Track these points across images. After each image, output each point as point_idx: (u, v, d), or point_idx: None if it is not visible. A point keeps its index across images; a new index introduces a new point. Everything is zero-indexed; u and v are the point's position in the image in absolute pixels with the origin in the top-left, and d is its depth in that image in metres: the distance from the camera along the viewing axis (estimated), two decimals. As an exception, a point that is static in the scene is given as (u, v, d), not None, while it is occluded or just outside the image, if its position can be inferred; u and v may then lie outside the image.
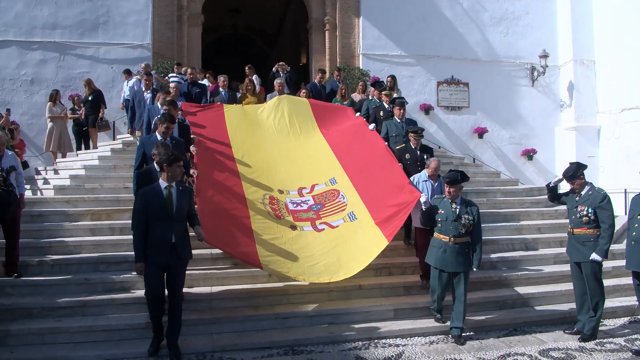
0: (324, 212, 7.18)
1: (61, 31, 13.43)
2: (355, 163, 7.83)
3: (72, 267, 6.83)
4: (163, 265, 5.29)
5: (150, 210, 5.29)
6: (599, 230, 6.02)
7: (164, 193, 5.37)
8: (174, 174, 5.43)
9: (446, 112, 15.50)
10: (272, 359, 5.51)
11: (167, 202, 5.33)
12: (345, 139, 8.46)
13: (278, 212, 7.07)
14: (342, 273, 6.25)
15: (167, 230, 5.29)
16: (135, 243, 5.31)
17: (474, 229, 6.05)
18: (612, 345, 5.88)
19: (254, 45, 25.04)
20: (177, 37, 14.34)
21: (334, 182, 7.70)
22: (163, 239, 5.26)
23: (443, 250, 6.01)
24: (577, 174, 6.20)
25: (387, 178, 7.17)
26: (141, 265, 5.26)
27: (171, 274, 5.38)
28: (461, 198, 6.14)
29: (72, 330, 5.79)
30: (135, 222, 5.41)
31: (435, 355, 5.60)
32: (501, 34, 15.85)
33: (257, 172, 7.72)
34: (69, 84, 13.31)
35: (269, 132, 8.59)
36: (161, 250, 5.25)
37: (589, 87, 15.72)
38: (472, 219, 5.99)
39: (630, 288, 6.76)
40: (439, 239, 6.09)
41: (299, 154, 8.30)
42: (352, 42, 15.19)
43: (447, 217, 6.02)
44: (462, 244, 6.01)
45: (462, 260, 5.97)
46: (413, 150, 7.79)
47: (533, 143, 15.87)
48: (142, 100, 10.14)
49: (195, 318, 6.07)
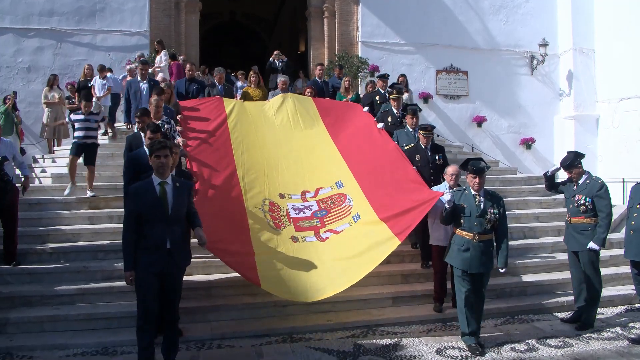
0: (329, 218, 6.61)
1: (58, 18, 13.33)
2: (364, 165, 7.25)
3: (70, 255, 6.84)
4: (157, 273, 4.56)
5: (142, 211, 4.57)
6: (597, 219, 6.02)
7: (157, 190, 4.63)
8: (157, 169, 4.65)
9: (445, 100, 15.46)
10: (270, 346, 5.53)
11: (161, 200, 4.60)
12: (353, 139, 7.89)
13: (278, 221, 6.53)
14: (347, 280, 5.68)
15: (162, 233, 4.56)
16: (125, 248, 4.58)
17: (500, 224, 5.44)
18: (609, 334, 5.92)
19: (252, 33, 24.89)
20: (174, 24, 14.24)
21: (341, 186, 7.12)
22: (157, 244, 4.55)
23: (466, 249, 5.36)
24: (575, 163, 6.20)
25: (400, 180, 6.64)
26: (131, 274, 4.54)
27: (167, 284, 4.65)
28: (484, 190, 5.49)
29: (71, 318, 5.82)
30: (126, 224, 4.66)
31: (432, 342, 5.62)
32: (501, 22, 15.77)
33: (258, 172, 7.17)
34: (66, 71, 13.21)
35: (271, 130, 7.99)
36: (155, 256, 4.54)
37: (588, 76, 15.69)
38: (498, 214, 5.38)
39: (627, 277, 6.79)
40: (461, 237, 5.42)
41: (303, 154, 7.68)
42: (351, 29, 15.10)
43: (470, 212, 5.35)
44: (486, 241, 5.39)
45: (485, 260, 5.37)
46: (423, 150, 7.15)
47: (532, 132, 15.85)
48: (138, 92, 9.40)
49: (194, 306, 6.09)
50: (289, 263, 5.92)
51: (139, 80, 9.56)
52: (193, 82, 10.23)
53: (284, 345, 5.55)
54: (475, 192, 5.41)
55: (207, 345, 5.54)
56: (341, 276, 5.73)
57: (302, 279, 5.75)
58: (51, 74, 11.85)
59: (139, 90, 9.40)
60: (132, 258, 4.53)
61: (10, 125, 10.19)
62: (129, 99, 9.53)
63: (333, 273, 5.80)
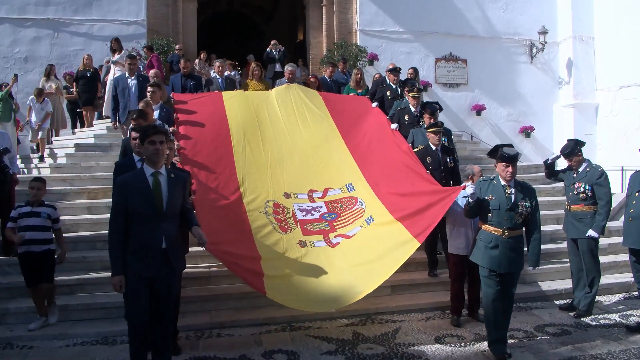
0: (340, 222, 6.07)
1: (54, 8, 13.21)
2: (377, 167, 6.77)
3: (69, 245, 6.77)
4: (149, 277, 3.99)
5: (132, 206, 3.97)
6: (596, 207, 6.03)
7: (150, 182, 4.03)
8: (150, 157, 4.06)
9: (444, 89, 15.39)
10: (270, 334, 5.55)
11: (155, 194, 4.01)
12: (364, 138, 7.35)
13: (284, 224, 5.99)
14: (362, 289, 5.22)
15: (156, 231, 3.99)
16: (112, 250, 3.98)
17: (531, 218, 4.88)
18: (607, 321, 5.94)
19: (250, 22, 24.72)
20: (172, 13, 14.11)
21: (352, 189, 6.57)
22: (150, 244, 3.97)
23: (494, 246, 4.81)
24: (575, 151, 6.19)
25: (415, 182, 6.19)
26: (120, 279, 3.92)
27: (160, 290, 4.03)
28: (515, 180, 4.91)
29: (71, 308, 5.85)
30: (113, 221, 4.03)
31: (431, 330, 5.64)
32: (500, 9, 15.66)
33: (261, 170, 6.65)
34: (63, 61, 13.13)
35: (275, 123, 7.37)
36: (147, 258, 3.96)
37: (587, 64, 15.60)
38: (530, 207, 4.83)
39: (625, 265, 6.80)
40: (489, 232, 4.86)
41: (309, 151, 7.10)
42: (349, 18, 14.98)
43: (499, 205, 4.79)
44: (516, 237, 4.85)
45: (514, 257, 4.83)
46: (434, 152, 6.69)
47: (531, 120, 15.80)
48: (127, 88, 8.65)
49: (193, 295, 6.11)
50: (298, 270, 5.42)
51: (127, 76, 8.85)
52: (190, 78, 9.71)
53: (284, 334, 5.57)
54: (506, 183, 4.86)
55: (207, 334, 5.56)
56: (356, 285, 5.26)
57: (312, 287, 5.28)
58: (48, 64, 11.78)
59: (127, 87, 8.68)
60: (120, 261, 3.93)
61: (8, 111, 9.99)
62: (116, 97, 8.77)
63: (347, 281, 5.30)
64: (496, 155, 4.90)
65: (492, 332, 4.92)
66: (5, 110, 9.94)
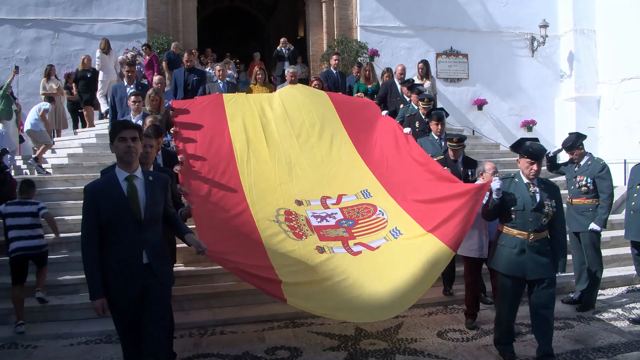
0: (359, 230, 5.56)
1: (54, 8, 13.24)
2: (394, 174, 6.28)
3: (72, 245, 6.86)
4: (135, 294, 3.48)
5: (104, 217, 3.43)
6: (598, 200, 6.03)
7: (124, 188, 3.50)
8: (122, 157, 3.55)
9: (445, 83, 15.34)
10: (273, 331, 5.57)
11: (130, 201, 3.47)
12: (376, 144, 6.84)
13: (298, 231, 5.46)
14: (399, 304, 4.75)
15: (135, 245, 3.47)
16: (87, 268, 3.43)
17: (556, 219, 4.53)
18: (609, 315, 5.94)
19: (251, 19, 24.69)
20: (171, 11, 14.12)
21: (368, 195, 6.08)
22: (130, 260, 3.45)
23: (519, 251, 4.44)
24: (577, 144, 6.19)
25: (436, 185, 5.69)
26: (101, 301, 3.42)
27: (147, 306, 3.50)
28: (538, 178, 4.55)
29: (75, 307, 5.88)
30: (85, 237, 3.46)
31: (434, 325, 5.66)
32: (500, 3, 15.60)
33: (269, 179, 6.15)
34: (64, 61, 13.18)
35: (281, 128, 6.85)
36: (128, 275, 3.45)
37: (589, 57, 15.55)
38: (555, 207, 4.49)
39: (628, 258, 6.80)
40: (512, 236, 4.49)
41: (318, 156, 6.61)
42: (349, 13, 14.95)
43: (524, 206, 4.42)
44: (542, 240, 4.48)
45: (544, 262, 4.45)
46: (453, 164, 6.30)
47: (533, 114, 15.75)
48: (125, 97, 8.01)
49: (196, 292, 6.15)
50: (320, 276, 4.94)
51: (126, 84, 8.40)
52: (192, 72, 9.40)
53: (287, 330, 5.59)
54: (529, 181, 4.50)
55: (210, 331, 5.59)
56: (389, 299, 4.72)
57: (339, 295, 4.79)
58: (48, 65, 11.81)
59: (125, 96, 8.05)
60: (99, 281, 3.41)
61: (8, 108, 9.85)
62: (114, 107, 8.30)
63: (378, 294, 4.76)
64: (520, 150, 4.51)
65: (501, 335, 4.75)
66: (6, 107, 9.82)
